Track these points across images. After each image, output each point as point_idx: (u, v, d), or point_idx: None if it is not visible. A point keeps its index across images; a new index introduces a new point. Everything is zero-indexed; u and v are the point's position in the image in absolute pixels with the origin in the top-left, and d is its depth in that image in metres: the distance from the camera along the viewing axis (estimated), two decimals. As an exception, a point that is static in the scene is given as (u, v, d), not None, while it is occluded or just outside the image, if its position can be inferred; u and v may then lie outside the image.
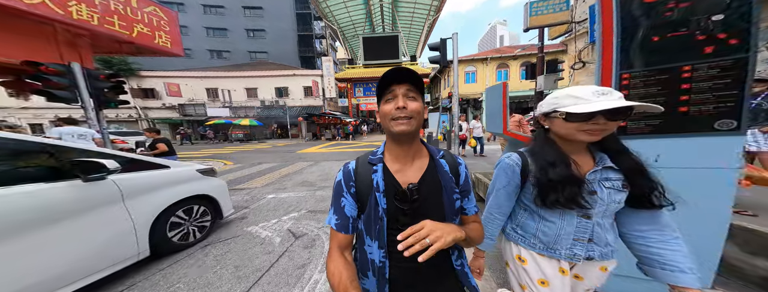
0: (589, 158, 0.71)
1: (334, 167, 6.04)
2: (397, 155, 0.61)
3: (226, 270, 1.82)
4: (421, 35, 24.93)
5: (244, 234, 2.44)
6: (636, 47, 1.03)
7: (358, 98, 19.96)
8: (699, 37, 0.93)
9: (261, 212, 3.06)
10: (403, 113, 0.54)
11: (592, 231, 0.69)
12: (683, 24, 0.94)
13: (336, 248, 0.59)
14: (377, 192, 0.58)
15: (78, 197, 1.49)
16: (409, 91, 0.56)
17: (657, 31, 0.99)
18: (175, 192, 2.11)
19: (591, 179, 0.67)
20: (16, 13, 3.39)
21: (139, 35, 4.86)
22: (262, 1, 24.70)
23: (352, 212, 0.61)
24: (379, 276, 0.58)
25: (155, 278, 1.75)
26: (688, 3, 0.93)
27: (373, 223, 0.58)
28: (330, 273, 0.55)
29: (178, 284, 1.66)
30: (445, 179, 0.61)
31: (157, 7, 5.27)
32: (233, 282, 1.66)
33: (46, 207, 1.36)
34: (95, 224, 1.56)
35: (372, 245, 0.59)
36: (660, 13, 0.98)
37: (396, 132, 0.56)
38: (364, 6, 21.53)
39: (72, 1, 3.79)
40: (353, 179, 0.62)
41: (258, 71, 19.73)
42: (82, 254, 1.47)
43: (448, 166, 0.63)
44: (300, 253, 2.03)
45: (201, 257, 2.01)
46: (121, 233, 1.70)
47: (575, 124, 0.63)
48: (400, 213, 0.57)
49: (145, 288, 1.64)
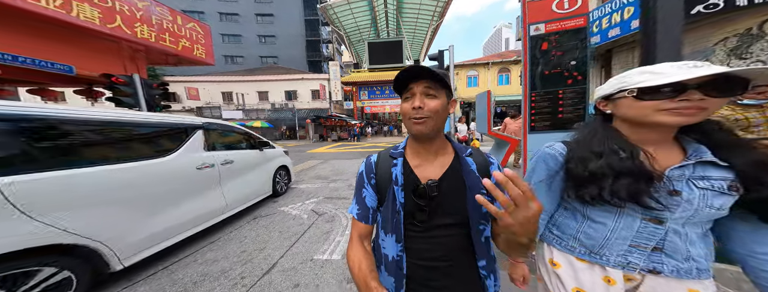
0: (676, 149, 0.55)
1: (343, 165, 6.73)
2: (418, 151, 0.60)
3: (273, 233, 2.53)
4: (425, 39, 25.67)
5: (279, 212, 3.15)
6: (537, 77, 1.72)
7: (363, 101, 20.75)
8: (565, 73, 1.61)
9: (287, 198, 3.78)
10: (420, 114, 0.53)
11: (664, 239, 0.54)
12: (558, 66, 1.63)
13: (356, 236, 0.61)
14: (395, 185, 0.57)
15: (259, 158, 3.39)
16: (427, 88, 0.53)
17: (547, 69, 1.68)
18: (279, 160, 3.94)
19: (674, 175, 0.52)
20: (98, 35, 4.28)
21: (183, 48, 5.74)
22: (274, 9, 26.03)
23: (373, 204, 0.62)
24: (396, 271, 0.58)
25: (231, 235, 2.49)
26: (560, 53, 1.62)
27: (391, 216, 0.57)
28: (350, 261, 0.56)
29: (246, 240, 2.38)
30: (470, 178, 0.56)
31: (196, 23, 6.17)
32: (282, 240, 2.36)
33: (254, 160, 3.27)
34: (261, 172, 3.40)
35: (386, 239, 0.59)
36: (548, 58, 1.67)
37: (414, 132, 0.56)
38: (370, 12, 22.45)
39: (137, 22, 4.68)
40: (374, 171, 0.62)
41: (269, 75, 20.82)
42: (257, 185, 3.28)
43: (476, 165, 0.59)
44: (324, 225, 2.71)
45: (254, 226, 2.73)
46: (265, 179, 3.50)
47: (653, 102, 0.49)
48: (417, 209, 0.56)
49: (228, 240, 2.39)
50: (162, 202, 1.97)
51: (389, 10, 22.11)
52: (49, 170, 1.38)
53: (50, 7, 3.47)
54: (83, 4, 3.85)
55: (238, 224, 2.76)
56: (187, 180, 2.22)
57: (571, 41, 1.59)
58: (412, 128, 0.55)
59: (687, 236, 0.53)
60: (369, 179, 0.62)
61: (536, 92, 1.73)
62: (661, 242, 0.54)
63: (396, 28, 24.37)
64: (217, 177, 2.55)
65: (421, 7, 21.35)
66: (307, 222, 2.79)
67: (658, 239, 0.54)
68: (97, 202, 1.55)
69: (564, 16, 1.60)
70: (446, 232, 0.56)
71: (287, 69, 23.08)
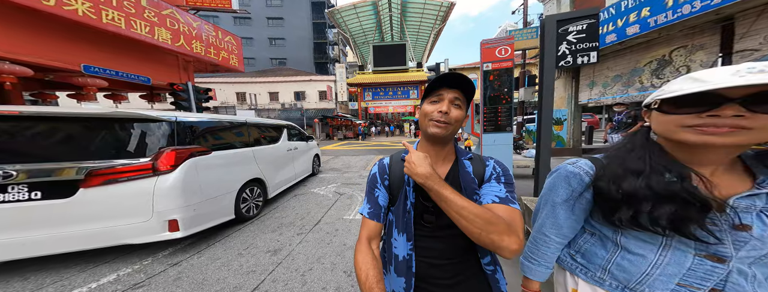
0: (742, 174, 0.46)
1: (351, 160, 7.71)
2: (429, 153, 0.62)
3: (312, 205, 3.48)
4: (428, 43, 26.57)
5: (310, 193, 4.12)
6: (487, 98, 2.77)
7: (367, 102, 21.76)
8: (501, 96, 2.66)
9: (313, 183, 4.77)
10: (444, 118, 0.56)
11: (726, 280, 0.45)
12: (498, 90, 2.68)
13: (365, 238, 0.61)
14: (407, 186, 0.61)
15: (306, 147, 4.94)
16: (456, 98, 0.57)
17: (492, 92, 2.73)
18: (315, 150, 5.45)
19: (742, 205, 0.43)
20: (166, 52, 5.44)
21: (222, 59, 6.84)
22: (284, 13, 27.22)
23: (385, 203, 0.65)
24: (406, 269, 0.59)
25: (285, 205, 3.48)
26: (498, 83, 2.67)
27: (402, 215, 0.61)
28: (357, 267, 0.56)
29: (296, 208, 3.36)
30: (465, 179, 0.60)
31: (232, 37, 7.30)
32: (319, 208, 3.31)
33: (304, 148, 4.81)
34: (307, 157, 4.96)
35: (399, 238, 0.61)
36: (492, 85, 2.71)
37: (430, 133, 0.58)
38: (374, 16, 23.43)
39: (193, 39, 5.81)
40: (387, 173, 0.66)
41: (280, 77, 22.02)
42: (306, 166, 4.83)
43: (472, 167, 0.62)
44: (345, 200, 3.66)
45: (297, 201, 3.70)
46: (309, 162, 4.99)
47: (675, 117, 0.42)
48: (425, 210, 0.59)
49: (285, 208, 3.36)
50: (278, 166, 3.69)
51: (393, 15, 23.08)
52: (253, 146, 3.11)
53: (142, 33, 4.63)
54: (160, 28, 4.99)
55: (286, 199, 3.77)
56: (284, 157, 3.94)
57: (504, 76, 2.63)
58: (430, 129, 0.58)
59: (755, 278, 0.44)
60: (383, 179, 0.66)
61: (486, 107, 2.78)
62: (722, 284, 0.45)
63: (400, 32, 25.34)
64: (292, 157, 4.23)
65: (425, 11, 22.27)
66: (332, 199, 3.76)
67: (718, 279, 0.45)
68: (266, 161, 3.31)
69: (501, 59, 2.65)
70: (452, 231, 0.56)
71: (296, 71, 24.27)
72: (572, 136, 6.23)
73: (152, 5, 4.81)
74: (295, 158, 4.28)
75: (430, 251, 0.60)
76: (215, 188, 2.32)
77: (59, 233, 1.71)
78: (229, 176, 2.53)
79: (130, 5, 4.41)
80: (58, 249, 1.73)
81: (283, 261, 1.97)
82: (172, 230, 1.90)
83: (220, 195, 2.38)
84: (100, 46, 4.44)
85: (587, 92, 5.73)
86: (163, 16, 5.03)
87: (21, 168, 1.63)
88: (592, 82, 5.53)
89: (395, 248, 0.62)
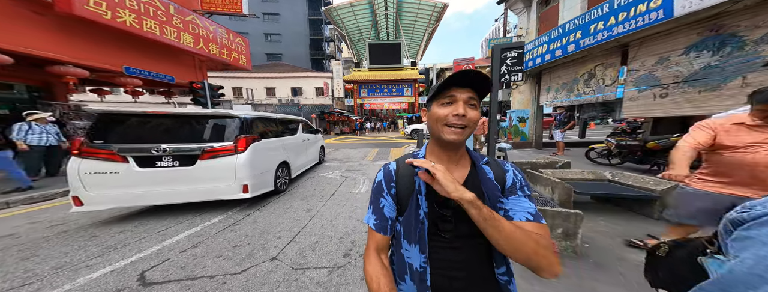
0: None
1: (350, 152, 8.58)
2: (441, 159, 0.59)
3: (324, 184, 4.32)
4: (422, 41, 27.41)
5: (320, 176, 4.97)
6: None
7: (363, 98, 22.57)
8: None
9: (321, 169, 5.64)
10: (461, 121, 0.52)
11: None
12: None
13: (373, 249, 0.59)
14: (419, 195, 0.56)
15: (315, 138, 5.86)
16: (471, 98, 0.53)
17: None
18: (321, 142, 6.38)
19: None
20: (187, 54, 6.21)
21: (233, 59, 7.60)
22: (280, 8, 27.33)
23: (391, 214, 0.60)
24: (420, 283, 0.56)
25: (301, 186, 4.32)
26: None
27: (414, 226, 0.56)
28: (368, 276, 0.55)
29: (312, 186, 4.21)
30: (487, 186, 0.56)
31: (241, 39, 8.05)
32: (331, 187, 4.14)
33: (314, 140, 5.73)
34: (316, 147, 5.90)
35: (410, 249, 0.57)
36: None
37: (448, 140, 0.53)
38: (371, 14, 24.01)
39: (210, 42, 6.59)
40: (394, 180, 0.61)
41: (276, 73, 22.47)
42: (315, 154, 5.80)
43: (493, 173, 0.59)
44: (351, 182, 4.50)
45: (310, 182, 4.55)
46: (317, 151, 5.93)
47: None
48: (442, 219, 0.56)
49: (303, 186, 4.21)
50: (297, 153, 4.52)
51: (389, 14, 23.73)
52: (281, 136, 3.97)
53: (172, 38, 5.41)
54: (185, 33, 5.77)
55: (303, 180, 4.64)
56: (301, 145, 4.80)
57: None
58: (447, 135, 0.53)
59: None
60: (389, 187, 0.61)
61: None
62: None
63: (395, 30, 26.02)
64: (306, 146, 5.11)
65: (419, 11, 23.03)
66: (340, 180, 4.61)
67: None
68: (290, 149, 4.16)
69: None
70: (469, 242, 0.55)
71: (293, 67, 24.68)
72: (534, 132, 7.41)
73: (179, 13, 5.57)
74: (307, 147, 5.20)
75: (446, 262, 0.57)
76: (264, 166, 3.21)
77: (186, 188, 2.68)
78: (269, 158, 3.41)
79: (162, 14, 5.18)
80: (186, 199, 2.70)
81: (315, 215, 2.85)
82: (244, 192, 2.81)
83: (266, 171, 3.26)
84: (134, 50, 5.21)
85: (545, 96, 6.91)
86: (187, 22, 5.79)
87: (168, 146, 2.60)
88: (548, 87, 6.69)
89: (408, 258, 0.58)
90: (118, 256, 2.03)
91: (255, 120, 3.27)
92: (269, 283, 1.65)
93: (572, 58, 5.35)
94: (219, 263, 1.89)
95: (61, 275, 1.78)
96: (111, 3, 4.19)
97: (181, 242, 2.23)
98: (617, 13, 4.25)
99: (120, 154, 2.48)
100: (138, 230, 2.51)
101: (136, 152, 2.53)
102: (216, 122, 2.91)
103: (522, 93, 7.84)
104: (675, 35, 4.01)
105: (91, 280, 1.72)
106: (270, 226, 2.58)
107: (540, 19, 6.99)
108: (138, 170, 2.54)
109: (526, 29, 7.30)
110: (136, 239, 2.31)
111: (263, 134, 3.42)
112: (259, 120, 3.40)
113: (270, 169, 3.40)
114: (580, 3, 5.36)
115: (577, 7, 5.52)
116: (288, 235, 2.36)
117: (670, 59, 4.14)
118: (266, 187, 3.27)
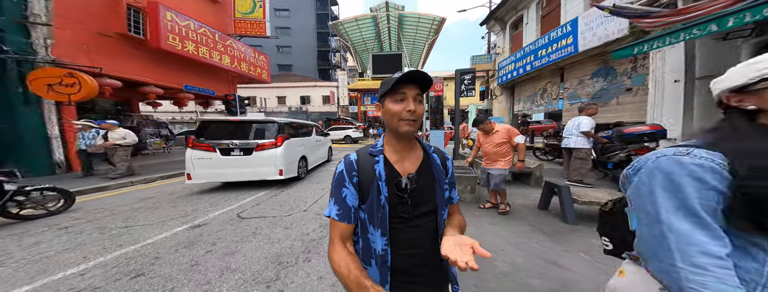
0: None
1: None
2: (396, 149, 0.66)
3: (328, 178, 5.82)
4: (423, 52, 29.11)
5: (328, 170, 6.25)
6: (430, 110, 5.17)
7: (366, 106, 24.06)
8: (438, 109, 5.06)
9: (329, 166, 6.96)
10: (413, 116, 0.59)
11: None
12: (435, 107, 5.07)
13: (338, 238, 0.62)
14: (379, 181, 0.61)
15: (324, 140, 7.31)
16: (418, 95, 0.61)
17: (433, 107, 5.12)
18: (329, 143, 7.73)
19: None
20: (225, 71, 7.78)
21: (257, 74, 9.15)
22: (291, 22, 29.69)
23: (354, 202, 0.63)
24: (381, 265, 0.61)
25: (315, 176, 5.67)
26: (436, 103, 5.08)
27: (376, 211, 0.61)
28: (335, 265, 0.57)
29: (324, 175, 5.57)
30: (437, 171, 0.67)
31: (264, 56, 9.62)
32: None
33: (323, 140, 7.19)
34: (325, 147, 7.31)
35: (375, 233, 0.61)
36: (433, 104, 5.10)
37: (403, 132, 0.61)
38: (374, 28, 25.89)
39: (242, 61, 8.15)
40: (356, 169, 0.64)
41: (287, 82, 24.29)
42: (324, 153, 7.17)
43: (439, 160, 0.70)
44: None
45: (322, 174, 5.84)
46: (326, 151, 7.33)
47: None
48: (399, 202, 0.61)
49: (317, 175, 5.60)
50: (312, 151, 5.76)
51: (392, 27, 25.63)
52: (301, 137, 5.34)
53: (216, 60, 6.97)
54: (225, 55, 7.35)
55: (316, 173, 5.93)
56: (314, 145, 5.98)
57: (437, 99, 5.02)
58: (402, 128, 0.60)
59: None
60: (351, 177, 0.64)
61: (433, 116, 5.15)
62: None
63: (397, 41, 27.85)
64: (318, 146, 6.25)
65: (419, 25, 24.82)
66: None
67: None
68: (307, 146, 5.54)
69: (436, 91, 5.06)
70: (423, 220, 0.63)
71: (302, 77, 26.57)
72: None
73: (221, 39, 7.15)
74: (319, 147, 6.48)
75: (405, 241, 0.62)
76: (292, 157, 4.49)
77: (247, 171, 4.05)
78: (295, 152, 4.69)
79: (210, 41, 6.75)
80: (246, 178, 4.06)
81: (327, 191, 4.08)
82: (280, 174, 4.11)
83: (293, 161, 4.54)
84: (189, 71, 6.76)
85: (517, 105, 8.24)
86: (226, 45, 7.37)
87: (236, 141, 3.97)
88: (519, 99, 8.03)
89: (373, 243, 0.62)
90: (220, 207, 3.40)
91: (285, 124, 4.62)
92: (305, 219, 2.94)
93: (532, 75, 6.68)
94: (275, 211, 3.21)
95: (199, 213, 3.17)
96: (181, 37, 5.75)
97: (249, 203, 3.57)
98: (552, 44, 5.84)
99: (212, 146, 3.89)
100: (222, 196, 3.87)
101: (219, 145, 3.94)
102: (264, 126, 4.28)
103: (500, 103, 9.17)
104: (585, 64, 5.61)
105: (216, 215, 3.07)
106: (299, 196, 3.88)
107: (512, 40, 8.37)
108: (220, 157, 3.96)
109: (502, 48, 8.71)
110: (223, 201, 3.68)
111: (291, 135, 4.74)
112: (287, 125, 4.75)
113: (295, 160, 4.71)
114: (535, 31, 6.82)
115: (534, 34, 6.99)
116: (312, 200, 3.66)
117: (584, 81, 5.72)
118: (293, 173, 4.57)
